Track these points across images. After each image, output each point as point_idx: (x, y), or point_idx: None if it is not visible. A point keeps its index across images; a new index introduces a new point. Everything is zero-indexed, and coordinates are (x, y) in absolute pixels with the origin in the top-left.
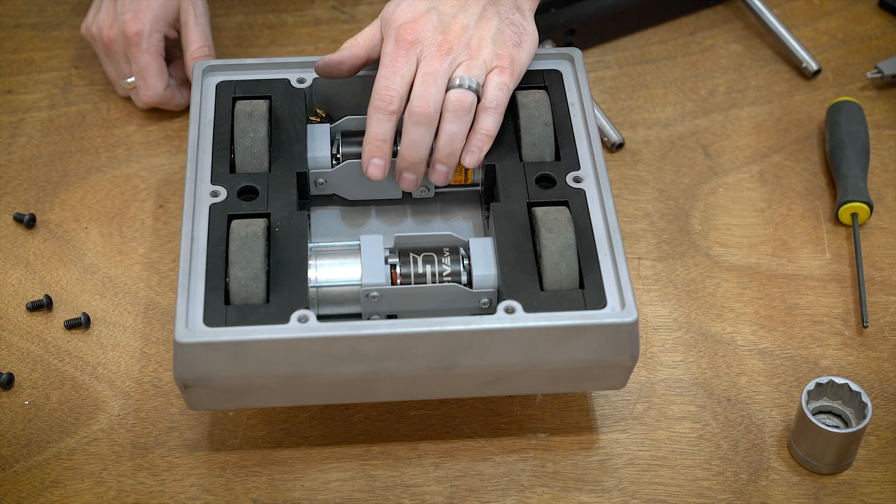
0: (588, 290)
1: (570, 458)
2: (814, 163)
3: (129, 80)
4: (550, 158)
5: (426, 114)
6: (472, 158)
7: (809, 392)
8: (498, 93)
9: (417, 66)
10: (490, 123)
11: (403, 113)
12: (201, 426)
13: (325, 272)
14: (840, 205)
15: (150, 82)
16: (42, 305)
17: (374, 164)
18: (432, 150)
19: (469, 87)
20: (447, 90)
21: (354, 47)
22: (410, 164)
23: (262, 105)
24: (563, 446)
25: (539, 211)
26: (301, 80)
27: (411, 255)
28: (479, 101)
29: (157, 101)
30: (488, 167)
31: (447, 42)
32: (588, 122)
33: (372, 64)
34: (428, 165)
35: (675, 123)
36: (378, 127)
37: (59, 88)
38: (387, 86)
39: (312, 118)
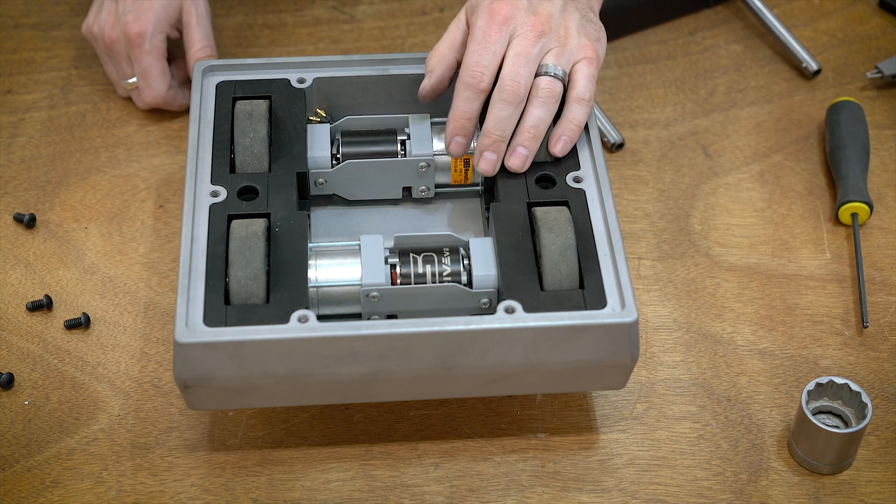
0: (588, 290)
1: (570, 458)
2: (814, 163)
3: (131, 80)
4: (550, 158)
5: (517, 93)
6: (563, 147)
7: (809, 392)
8: (590, 85)
9: (509, 45)
10: (582, 114)
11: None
12: (201, 426)
13: (325, 272)
14: (840, 205)
15: (153, 83)
16: (42, 305)
17: (457, 141)
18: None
19: (557, 76)
20: (536, 75)
21: (444, 58)
22: (494, 143)
23: (262, 105)
24: (563, 446)
25: (539, 211)
26: (301, 80)
27: (411, 255)
28: (564, 91)
29: (160, 102)
30: None
31: (539, 24)
32: (588, 122)
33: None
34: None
35: (675, 123)
36: (466, 105)
37: (59, 88)
38: (478, 62)
39: (312, 118)
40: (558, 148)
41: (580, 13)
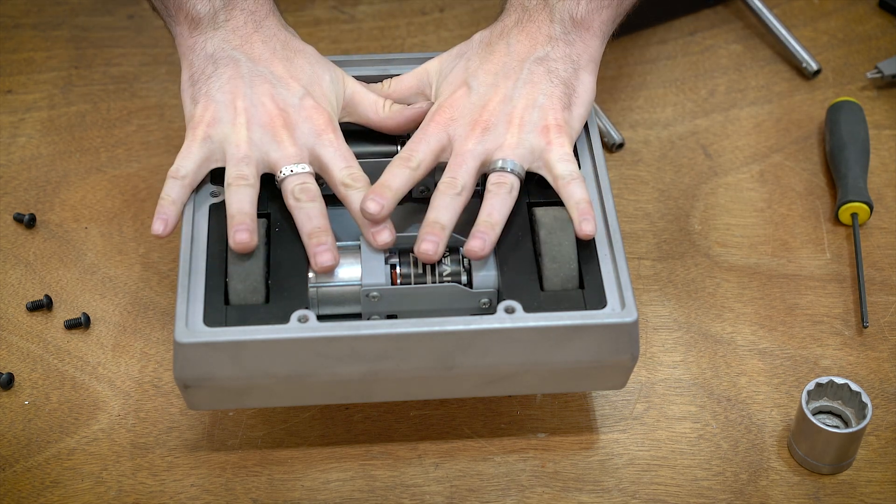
0: (588, 290)
1: (570, 458)
2: (814, 163)
3: (298, 166)
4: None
5: (453, 185)
6: (588, 227)
7: (809, 392)
8: (567, 164)
9: (453, 145)
10: (581, 191)
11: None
12: (201, 426)
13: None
14: (840, 205)
15: (351, 159)
16: (42, 305)
17: (375, 200)
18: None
19: (505, 170)
20: (489, 172)
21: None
22: (431, 230)
23: None
24: (563, 446)
25: (539, 211)
26: None
27: (411, 255)
28: (521, 180)
29: (366, 179)
30: None
31: (483, 121)
32: (588, 122)
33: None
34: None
35: (675, 123)
36: (394, 177)
37: (59, 88)
38: (411, 147)
39: None
40: (587, 229)
41: (548, 78)
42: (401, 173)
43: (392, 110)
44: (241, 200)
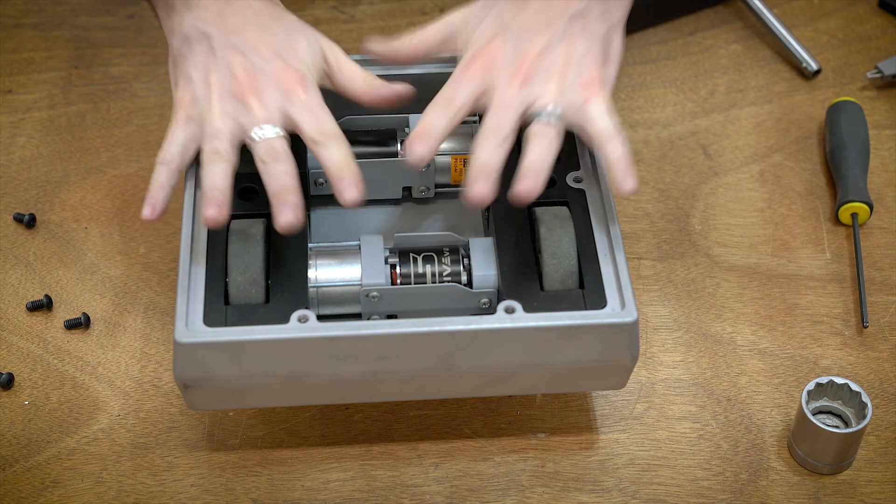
0: (588, 290)
1: (570, 458)
2: (814, 163)
3: (269, 128)
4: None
5: (498, 132)
6: (632, 182)
7: (809, 392)
8: (609, 119)
9: (493, 95)
10: (619, 149)
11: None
12: (201, 426)
13: (325, 272)
14: (840, 205)
15: (322, 114)
16: (42, 305)
17: (418, 143)
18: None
19: (550, 122)
20: (530, 121)
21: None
22: (478, 174)
23: None
24: (563, 446)
25: (539, 211)
26: None
27: (411, 255)
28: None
29: (336, 131)
30: None
31: (523, 70)
32: None
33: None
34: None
35: (675, 123)
36: (436, 121)
37: (59, 88)
38: (452, 90)
39: None
40: (628, 186)
41: (585, 36)
42: (443, 116)
43: (373, 85)
44: (214, 175)
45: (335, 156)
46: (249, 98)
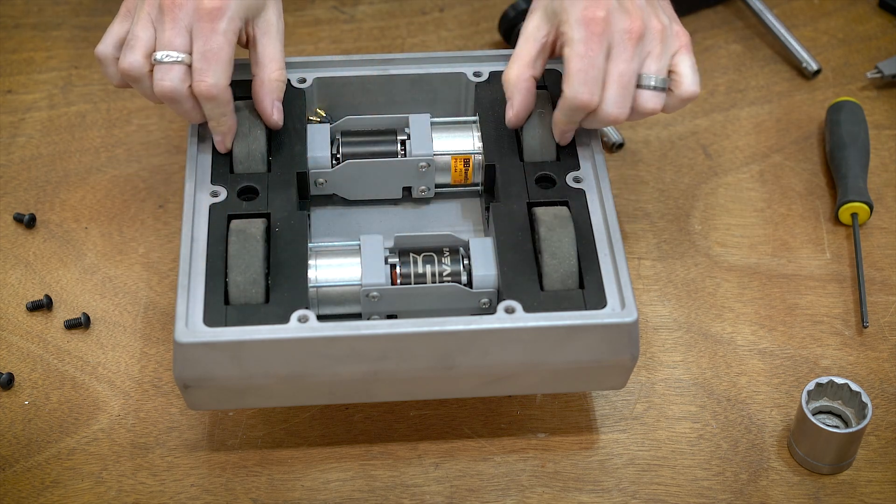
0: (588, 290)
1: (570, 458)
2: (814, 163)
3: (174, 54)
4: (550, 158)
5: (618, 119)
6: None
7: (809, 392)
8: (696, 76)
9: (608, 59)
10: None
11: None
12: (201, 426)
13: (325, 272)
14: (840, 205)
15: (217, 70)
16: (42, 305)
17: (566, 137)
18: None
19: (658, 88)
20: (638, 86)
21: (521, 80)
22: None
23: None
24: (563, 446)
25: (539, 211)
26: (301, 80)
27: (411, 255)
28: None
29: (214, 94)
30: (488, 167)
31: (636, 28)
32: None
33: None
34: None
35: (675, 123)
36: (569, 118)
37: (59, 88)
38: (585, 81)
39: (312, 118)
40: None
41: (653, 2)
42: (580, 115)
43: (265, 93)
44: (161, 87)
45: (210, 113)
46: (167, 15)
